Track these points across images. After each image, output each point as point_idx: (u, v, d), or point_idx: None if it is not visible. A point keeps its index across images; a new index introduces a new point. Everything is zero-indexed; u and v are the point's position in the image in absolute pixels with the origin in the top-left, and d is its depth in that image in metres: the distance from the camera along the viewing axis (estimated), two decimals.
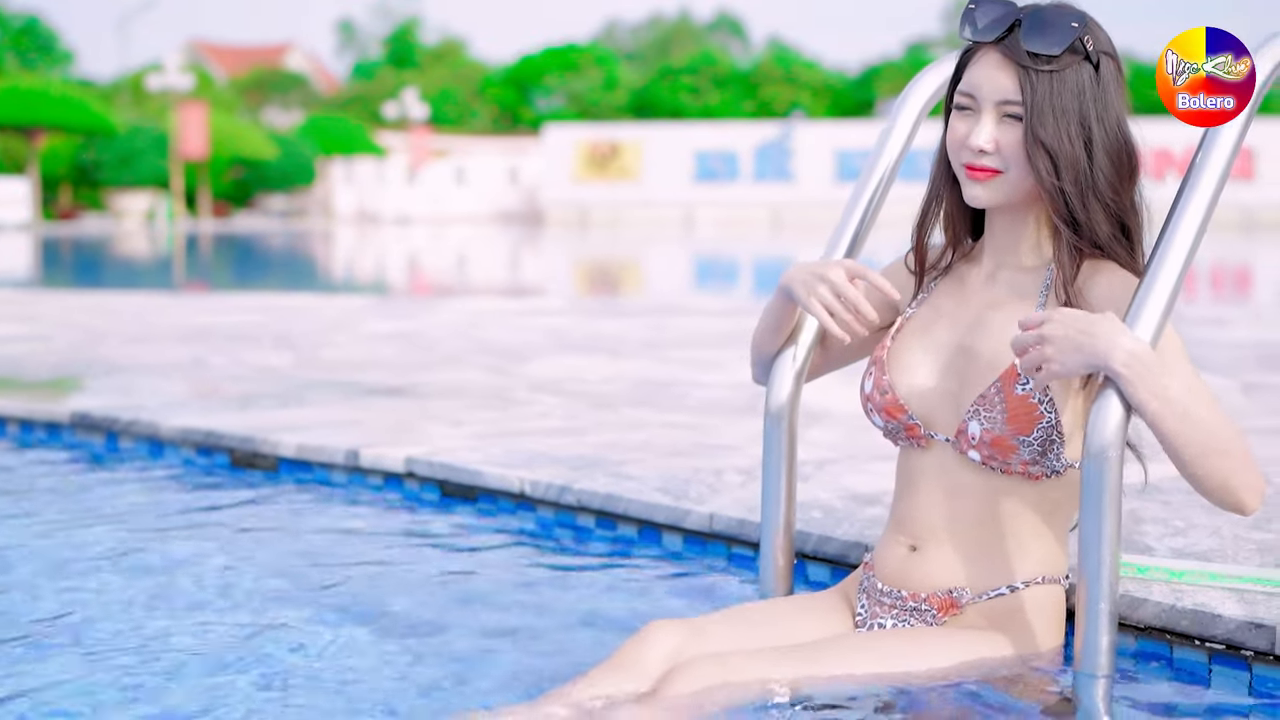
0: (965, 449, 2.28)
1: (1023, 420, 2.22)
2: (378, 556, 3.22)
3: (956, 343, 2.35)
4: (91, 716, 2.21)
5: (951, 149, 2.29)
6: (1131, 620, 2.45)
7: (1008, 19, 2.21)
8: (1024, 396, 2.21)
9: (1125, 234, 2.27)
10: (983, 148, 2.22)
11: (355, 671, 2.44)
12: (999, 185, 2.25)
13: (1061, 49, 2.18)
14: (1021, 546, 2.30)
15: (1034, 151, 2.19)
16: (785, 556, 2.69)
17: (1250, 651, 2.32)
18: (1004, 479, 2.29)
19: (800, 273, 2.46)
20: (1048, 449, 2.23)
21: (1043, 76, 2.19)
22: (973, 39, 2.25)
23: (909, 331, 2.41)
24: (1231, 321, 8.91)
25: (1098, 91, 2.21)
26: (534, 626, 2.69)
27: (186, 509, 3.69)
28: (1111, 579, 2.16)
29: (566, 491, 3.44)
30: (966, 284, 2.40)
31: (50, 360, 6.33)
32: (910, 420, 2.34)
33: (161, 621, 2.70)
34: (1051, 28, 2.18)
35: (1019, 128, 2.21)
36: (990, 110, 2.23)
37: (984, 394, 2.25)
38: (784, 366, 2.60)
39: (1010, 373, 2.23)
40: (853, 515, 3.10)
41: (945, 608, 2.32)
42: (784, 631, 2.35)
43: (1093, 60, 2.21)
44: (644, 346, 7.22)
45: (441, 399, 5.07)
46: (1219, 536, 2.91)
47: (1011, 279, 2.34)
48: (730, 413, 4.74)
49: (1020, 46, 2.19)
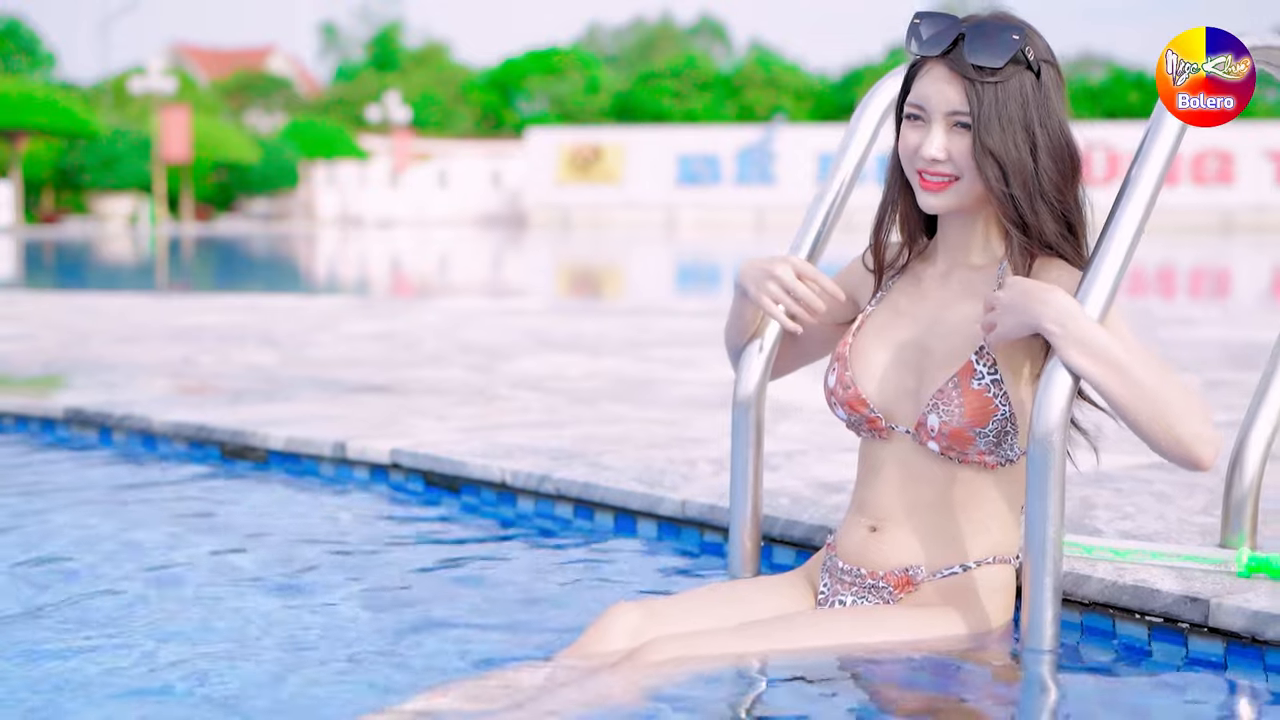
0: (925, 440, 2.42)
1: (979, 413, 2.36)
2: (365, 543, 3.35)
3: (914, 340, 2.48)
4: (92, 696, 2.31)
5: (904, 157, 2.43)
6: (1077, 596, 2.59)
7: (951, 33, 2.35)
8: (979, 391, 2.36)
9: (1071, 232, 2.41)
10: (935, 156, 2.36)
11: (344, 648, 2.56)
12: (952, 192, 2.39)
13: (1004, 61, 2.31)
14: (975, 529, 2.45)
15: (982, 160, 2.33)
16: (752, 540, 2.83)
17: (1186, 624, 2.46)
18: (961, 467, 2.43)
19: (751, 269, 2.61)
20: (1002, 439, 2.38)
21: (988, 87, 2.32)
22: (919, 54, 2.39)
23: (869, 329, 2.54)
24: (1200, 321, 9.08)
25: (1039, 98, 2.35)
26: (514, 608, 2.82)
27: (181, 499, 3.82)
28: (1055, 557, 2.31)
29: (546, 481, 3.58)
30: (922, 283, 2.53)
31: (40, 359, 6.45)
32: (872, 413, 2.48)
33: (158, 605, 2.82)
34: (993, 41, 2.31)
35: (968, 136, 2.34)
36: (940, 120, 2.36)
37: (941, 389, 2.39)
38: (750, 359, 2.74)
39: (966, 368, 2.38)
40: (818, 502, 3.24)
41: (902, 585, 2.46)
42: (746, 610, 2.49)
43: (1034, 68, 2.34)
44: (624, 345, 7.37)
45: (425, 396, 5.20)
46: (1165, 521, 3.06)
47: (964, 278, 2.48)
48: (705, 407, 4.89)
49: (965, 59, 2.32)
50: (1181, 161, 46.39)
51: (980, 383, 2.37)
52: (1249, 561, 2.57)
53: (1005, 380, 2.37)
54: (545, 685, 2.22)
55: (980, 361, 2.38)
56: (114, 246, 30.29)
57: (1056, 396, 2.26)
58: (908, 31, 2.39)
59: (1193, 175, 46.53)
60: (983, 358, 2.38)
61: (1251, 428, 2.74)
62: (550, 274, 20.75)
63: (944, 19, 2.37)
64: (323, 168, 55.78)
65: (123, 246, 30.39)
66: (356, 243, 32.95)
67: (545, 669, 2.28)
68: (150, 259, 25.07)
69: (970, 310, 2.44)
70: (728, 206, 48.00)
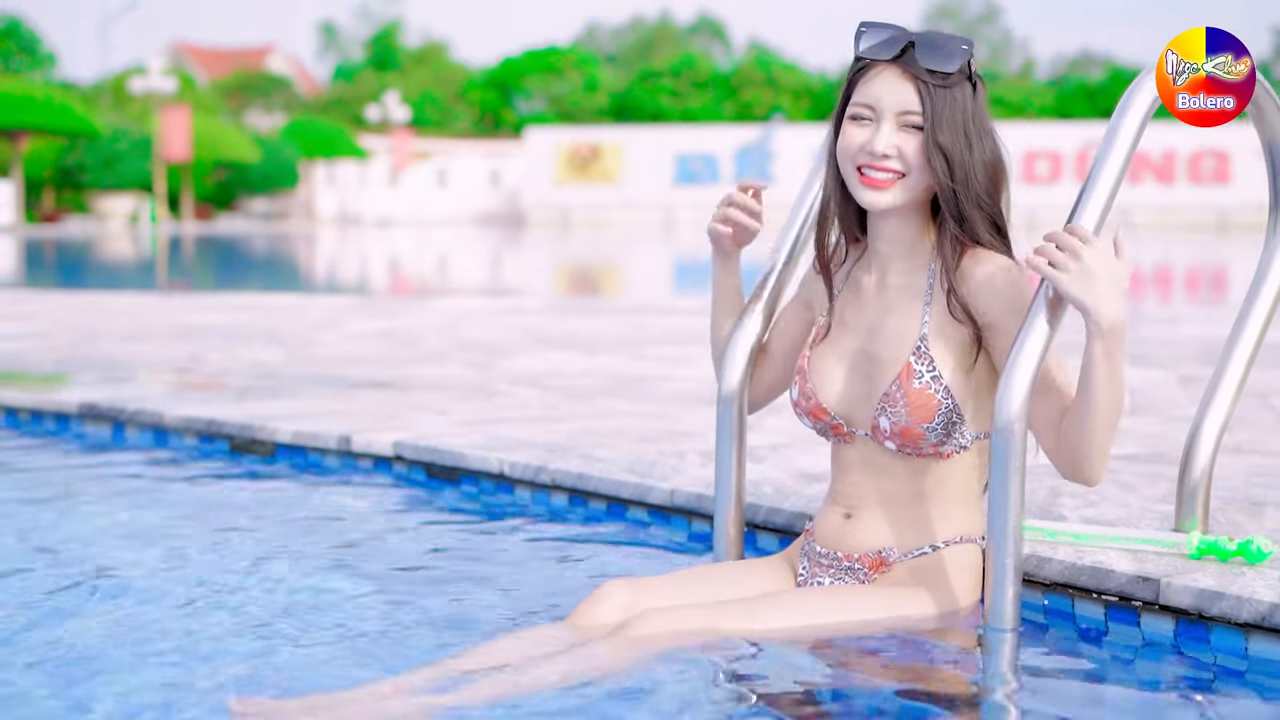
0: (881, 441, 2.61)
1: (923, 410, 2.54)
2: (369, 530, 3.53)
3: (860, 349, 2.67)
4: (116, 672, 2.47)
5: (848, 154, 2.58)
6: (1039, 577, 2.77)
7: (901, 40, 2.53)
8: (921, 389, 2.54)
9: (999, 233, 2.60)
10: (885, 152, 2.53)
11: (349, 626, 2.73)
12: (897, 189, 2.55)
13: (956, 67, 2.50)
14: (942, 512, 2.63)
15: (933, 154, 2.50)
16: (736, 527, 3.00)
17: (1139, 602, 2.64)
18: (920, 460, 2.61)
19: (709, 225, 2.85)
20: (951, 430, 2.56)
21: (939, 91, 2.51)
22: (871, 58, 2.56)
23: (823, 343, 2.73)
24: (1183, 319, 9.26)
25: (977, 109, 2.54)
26: (512, 591, 2.99)
27: (192, 490, 4.00)
28: (1016, 540, 2.48)
29: (542, 472, 3.76)
30: (861, 293, 2.70)
31: (51, 356, 6.63)
32: (834, 420, 2.67)
33: (172, 589, 2.98)
34: (945, 49, 2.50)
35: (918, 135, 2.52)
36: (890, 119, 2.54)
37: (887, 392, 2.58)
38: (734, 356, 2.92)
39: (906, 370, 2.56)
40: (800, 491, 3.42)
41: (875, 566, 2.64)
42: (729, 589, 2.67)
43: (973, 81, 2.54)
44: (618, 343, 7.55)
45: (426, 391, 5.38)
46: (1127, 508, 3.24)
47: (899, 283, 2.65)
48: (696, 403, 5.06)
49: (918, 63, 2.51)
50: (1178, 160, 46.59)
51: (920, 381, 2.55)
52: (1199, 544, 2.74)
53: (944, 375, 2.55)
54: (537, 654, 2.40)
55: (919, 362, 2.56)
56: (115, 246, 30.45)
57: (1016, 390, 2.42)
58: (856, 37, 2.57)
59: (1189, 174, 46.74)
60: (920, 358, 2.56)
61: (1203, 420, 2.92)
62: (548, 273, 20.93)
63: (892, 28, 2.56)
64: (322, 167, 55.94)
65: (124, 246, 30.56)
66: (356, 242, 33.13)
67: (538, 639, 2.46)
68: (151, 258, 25.23)
69: (909, 313, 2.61)
70: None
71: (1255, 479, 3.62)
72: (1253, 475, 3.67)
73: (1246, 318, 2.96)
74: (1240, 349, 2.94)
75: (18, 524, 3.56)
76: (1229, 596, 2.52)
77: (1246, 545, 2.71)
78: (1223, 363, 2.95)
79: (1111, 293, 2.37)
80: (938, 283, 2.60)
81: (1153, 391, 5.46)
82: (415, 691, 2.27)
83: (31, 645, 2.60)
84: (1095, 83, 70.13)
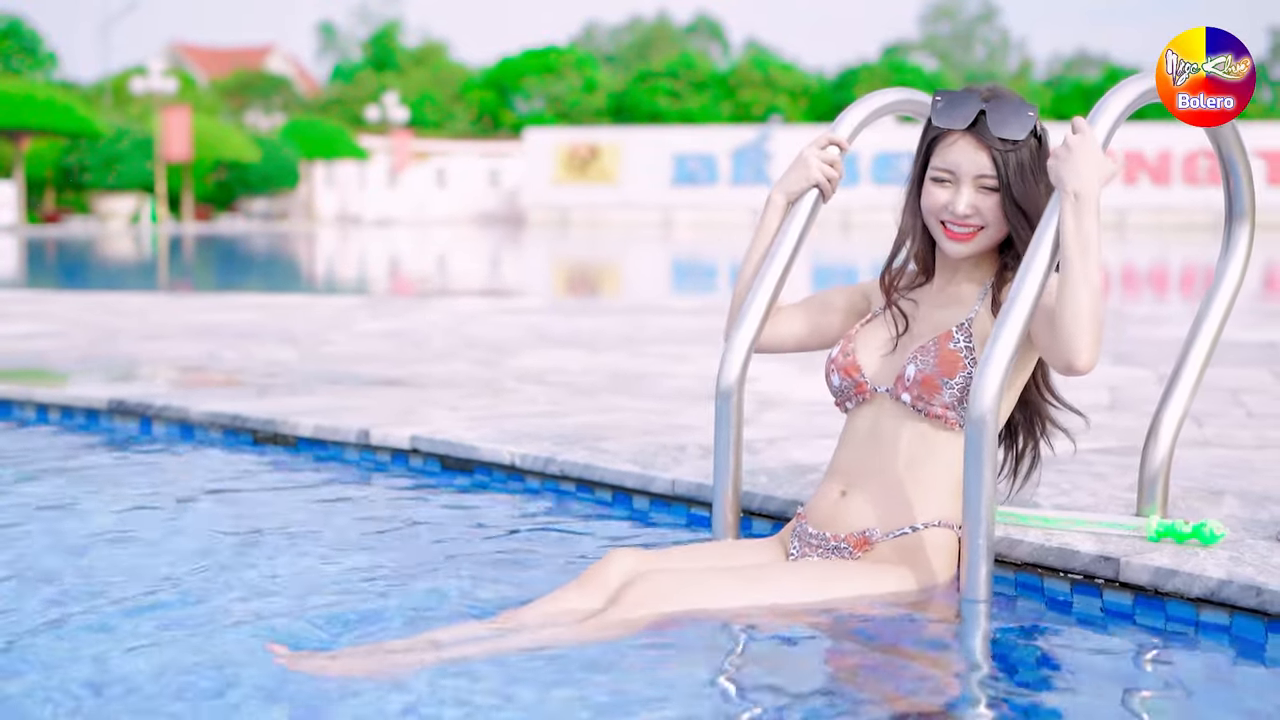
0: (900, 393, 2.92)
1: (949, 365, 2.87)
2: (388, 518, 3.77)
3: (906, 330, 3.03)
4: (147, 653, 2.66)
5: (933, 211, 2.95)
6: (1011, 558, 3.02)
7: (973, 110, 2.86)
8: (954, 350, 2.89)
9: None
10: (966, 213, 2.89)
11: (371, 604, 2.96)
12: (976, 241, 2.93)
13: (1025, 134, 2.85)
14: (925, 492, 2.89)
15: (1011, 212, 2.88)
16: (733, 513, 3.25)
17: (1101, 580, 2.89)
18: (925, 423, 2.90)
19: (788, 176, 3.25)
20: (964, 396, 2.86)
21: (1010, 155, 2.86)
22: (947, 127, 2.89)
23: (872, 324, 3.09)
24: (1168, 319, 9.50)
25: (1039, 158, 2.89)
26: (521, 571, 3.22)
27: (219, 480, 4.24)
28: (988, 520, 2.73)
29: (551, 463, 4.01)
30: (920, 298, 3.08)
31: (74, 355, 6.87)
32: (861, 378, 3.00)
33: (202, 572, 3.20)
34: (1014, 118, 2.85)
35: (994, 195, 2.88)
36: (969, 182, 2.89)
37: (923, 345, 2.93)
38: (733, 353, 3.17)
39: (946, 334, 2.91)
40: (793, 480, 3.67)
41: (859, 545, 2.90)
42: (727, 563, 2.93)
43: (1038, 136, 2.89)
44: (620, 341, 7.80)
45: (438, 389, 5.63)
46: (1096, 496, 3.48)
47: (955, 292, 3.02)
48: (696, 398, 5.31)
49: (990, 133, 2.85)
50: (1174, 161, 46.81)
51: (955, 345, 2.90)
52: (1158, 527, 3.00)
53: (976, 349, 2.89)
54: (546, 621, 2.67)
55: (959, 332, 2.91)
56: (117, 245, 30.67)
57: (989, 384, 2.67)
58: (933, 108, 2.91)
59: (1185, 175, 46.96)
60: (961, 330, 2.91)
61: (1164, 410, 3.17)
62: (549, 273, 21.17)
63: (964, 96, 2.89)
64: (322, 167, 56.11)
65: (125, 246, 30.78)
66: (356, 242, 33.35)
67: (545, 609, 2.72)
68: (154, 258, 25.45)
69: (954, 313, 2.97)
70: (723, 206, 48.40)
71: (1217, 469, 3.88)
72: (1216, 466, 3.92)
73: (1204, 318, 3.20)
74: (1198, 348, 3.18)
75: (54, 514, 3.78)
76: (1182, 574, 2.78)
77: (1200, 528, 2.97)
78: (1181, 360, 3.20)
79: (1086, 170, 2.70)
80: (992, 288, 2.95)
81: (1133, 389, 5.71)
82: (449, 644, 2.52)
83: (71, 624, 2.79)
84: (1092, 83, 70.34)
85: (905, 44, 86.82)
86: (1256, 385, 5.87)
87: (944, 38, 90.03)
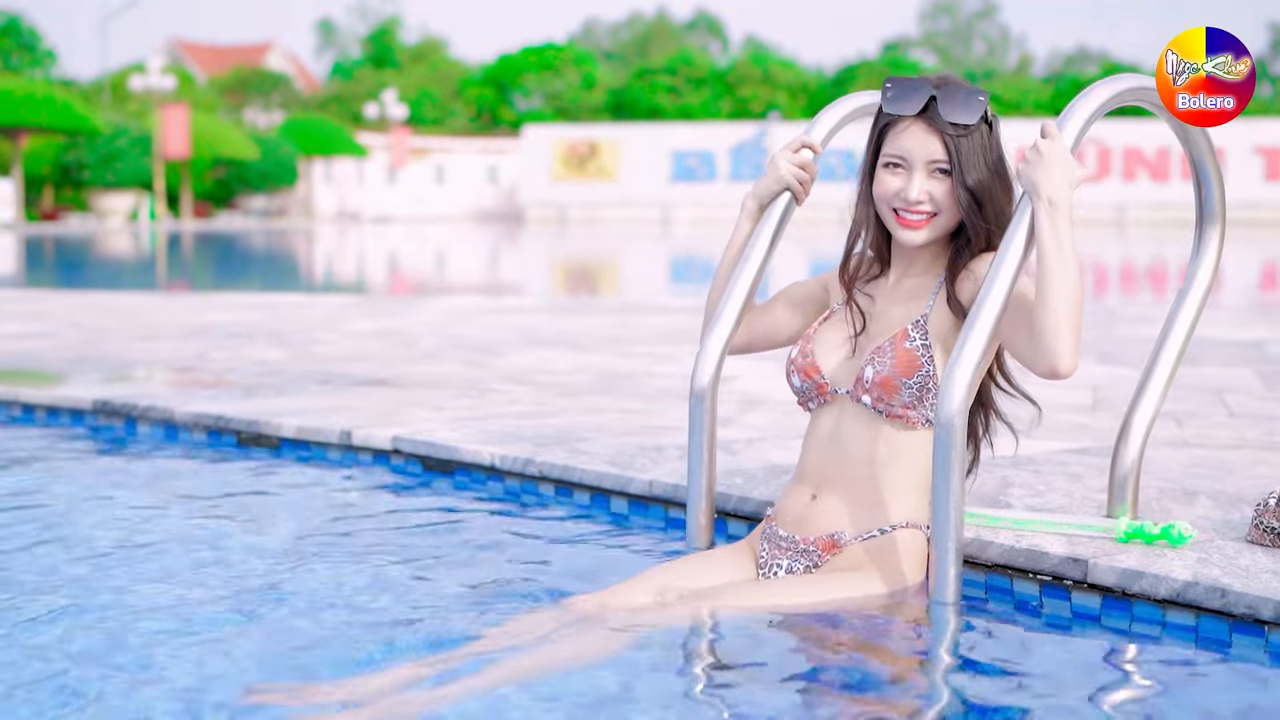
0: (860, 395, 2.92)
1: (907, 365, 2.87)
2: (369, 519, 3.78)
3: (863, 329, 3.03)
4: (140, 646, 2.72)
5: (885, 198, 2.95)
6: (981, 559, 3.03)
7: (924, 96, 2.87)
8: (910, 349, 2.88)
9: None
10: (919, 199, 2.89)
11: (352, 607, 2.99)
12: (930, 227, 2.92)
13: (976, 119, 2.86)
14: (894, 495, 2.90)
15: (963, 196, 2.87)
16: (707, 515, 3.27)
17: (1070, 581, 2.91)
18: (888, 424, 2.90)
19: (760, 183, 3.26)
20: (924, 395, 2.87)
21: (961, 140, 2.86)
22: (897, 113, 2.90)
23: (830, 322, 3.09)
24: (1155, 319, 9.50)
25: (991, 143, 2.90)
26: (500, 572, 3.24)
27: (202, 481, 4.26)
28: (957, 523, 2.75)
29: (530, 464, 4.03)
30: (876, 293, 3.07)
31: (64, 354, 6.89)
32: (821, 379, 3.00)
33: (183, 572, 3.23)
34: (965, 104, 2.86)
35: (946, 180, 2.88)
36: (921, 168, 2.89)
37: (879, 346, 2.93)
38: (707, 356, 3.19)
39: (901, 333, 2.91)
40: (768, 481, 3.69)
41: (828, 548, 2.91)
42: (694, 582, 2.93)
43: (989, 121, 2.89)
44: (607, 342, 7.81)
45: (423, 389, 5.64)
46: (1070, 497, 3.50)
47: (910, 285, 3.02)
48: (678, 399, 5.33)
49: (941, 118, 2.85)
50: (1171, 157, 46.84)
51: (911, 344, 2.89)
52: (1127, 529, 3.01)
53: (933, 347, 2.89)
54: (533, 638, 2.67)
55: (914, 330, 2.91)
56: (115, 243, 30.69)
57: (957, 387, 2.69)
58: (884, 95, 2.92)
59: (1183, 171, 46.93)
60: (917, 328, 2.91)
61: (1134, 413, 3.19)
62: (542, 272, 21.19)
63: (915, 83, 2.90)
64: (320, 164, 56.13)
65: (124, 243, 30.80)
66: (355, 239, 33.36)
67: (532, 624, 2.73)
68: (152, 256, 25.47)
69: (910, 309, 2.96)
70: (722, 204, 48.34)
71: (1194, 469, 3.89)
72: (1192, 466, 3.94)
73: (1175, 319, 3.23)
74: (1169, 349, 3.21)
75: (37, 513, 3.81)
76: (1148, 575, 2.79)
77: (1169, 530, 2.98)
78: (1152, 361, 3.22)
79: (1056, 174, 2.71)
80: (945, 281, 2.95)
81: (1115, 388, 5.72)
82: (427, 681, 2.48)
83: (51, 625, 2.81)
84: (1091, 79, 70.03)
85: (905, 40, 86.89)
86: (1240, 385, 5.88)
87: (943, 34, 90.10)
